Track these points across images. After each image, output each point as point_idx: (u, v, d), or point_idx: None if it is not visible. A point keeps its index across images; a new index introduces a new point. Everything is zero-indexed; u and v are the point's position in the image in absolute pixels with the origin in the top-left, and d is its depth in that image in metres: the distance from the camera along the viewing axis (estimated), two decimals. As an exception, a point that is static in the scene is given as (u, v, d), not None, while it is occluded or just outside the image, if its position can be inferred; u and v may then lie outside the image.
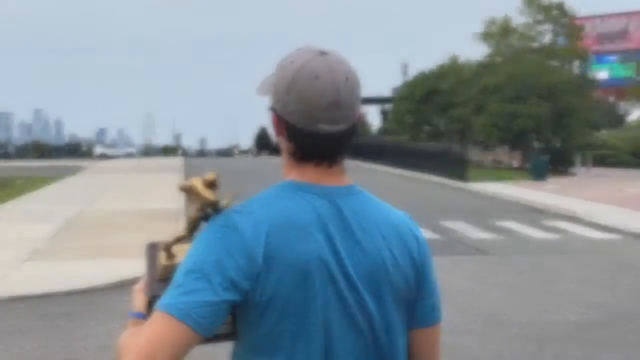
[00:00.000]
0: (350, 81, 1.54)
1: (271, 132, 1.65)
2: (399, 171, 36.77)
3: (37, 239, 13.74)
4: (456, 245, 13.93)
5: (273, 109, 1.58)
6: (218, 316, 1.43)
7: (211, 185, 1.57)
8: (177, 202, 19.84)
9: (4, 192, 24.05)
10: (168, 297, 1.43)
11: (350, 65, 1.57)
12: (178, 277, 1.46)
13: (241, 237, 1.46)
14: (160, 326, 1.40)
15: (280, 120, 1.56)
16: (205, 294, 1.41)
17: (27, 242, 13.38)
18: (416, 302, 1.68)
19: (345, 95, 1.52)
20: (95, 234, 14.39)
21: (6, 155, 74.90)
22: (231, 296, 1.44)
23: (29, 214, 17.81)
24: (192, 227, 1.62)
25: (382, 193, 2.14)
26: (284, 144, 1.60)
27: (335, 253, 1.52)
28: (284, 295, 1.47)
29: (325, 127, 1.52)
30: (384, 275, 1.58)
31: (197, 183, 1.57)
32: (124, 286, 9.85)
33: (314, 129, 1.52)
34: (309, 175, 1.57)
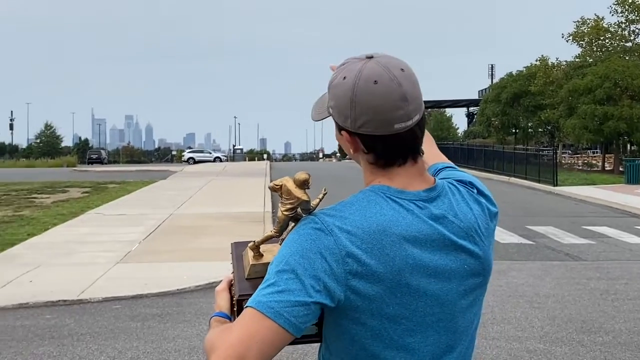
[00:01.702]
0: (407, 71, 1.53)
1: (346, 150, 1.63)
2: (486, 175, 36.24)
3: (129, 242, 14.14)
4: (546, 251, 13.63)
5: (343, 129, 1.56)
6: (309, 317, 1.43)
7: (303, 185, 1.56)
8: (263, 206, 20.09)
9: (99, 197, 24.85)
10: (260, 295, 1.43)
11: (399, 58, 1.56)
12: (270, 276, 1.46)
13: (335, 242, 1.45)
14: (252, 324, 1.40)
15: (354, 137, 1.55)
16: (297, 294, 1.41)
17: (120, 244, 13.78)
18: None
19: (408, 86, 1.51)
20: (185, 237, 14.70)
21: (99, 161, 77.34)
22: (322, 299, 1.43)
23: (121, 217, 18.33)
24: (282, 227, 1.61)
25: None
26: (362, 157, 1.59)
27: (429, 258, 1.51)
28: (376, 302, 1.47)
29: (401, 125, 1.51)
30: (480, 269, 1.59)
31: (289, 182, 1.57)
32: (212, 289, 10.05)
33: (391, 132, 1.51)
34: (398, 180, 1.56)
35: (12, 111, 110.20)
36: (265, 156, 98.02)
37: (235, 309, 1.64)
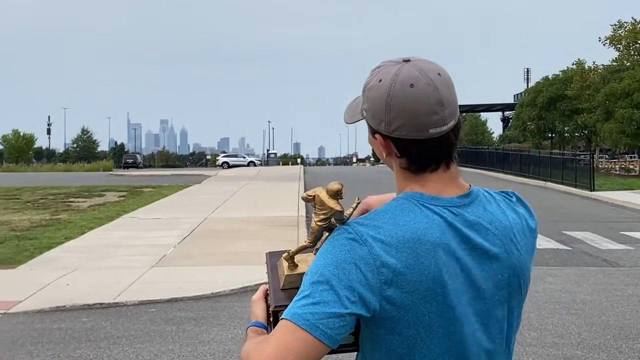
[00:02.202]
0: (443, 76, 1.52)
1: (378, 154, 1.62)
2: (522, 179, 35.94)
3: (164, 245, 14.26)
4: (583, 256, 13.46)
5: (377, 133, 1.56)
6: (345, 328, 1.43)
7: (336, 195, 1.55)
8: (297, 210, 20.12)
9: (134, 201, 25.09)
10: (295, 307, 1.43)
11: (435, 62, 1.55)
12: (305, 287, 1.46)
13: (369, 251, 1.45)
14: (288, 336, 1.40)
15: (388, 141, 1.55)
16: (332, 306, 1.41)
17: (155, 248, 13.90)
18: None
19: (444, 91, 1.50)
20: (219, 241, 14.78)
21: (135, 165, 78.10)
22: (358, 309, 1.43)
23: (156, 221, 18.49)
24: (316, 237, 1.61)
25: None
26: (394, 161, 1.58)
27: (464, 265, 1.50)
28: (412, 311, 1.46)
29: (436, 130, 1.50)
30: (515, 279, 1.57)
31: (322, 193, 1.57)
32: (246, 292, 10.10)
33: (426, 137, 1.50)
34: (431, 185, 1.55)
35: (49, 116, 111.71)
36: (298, 160, 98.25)
37: (271, 319, 1.64)
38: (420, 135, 1.50)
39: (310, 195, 1.59)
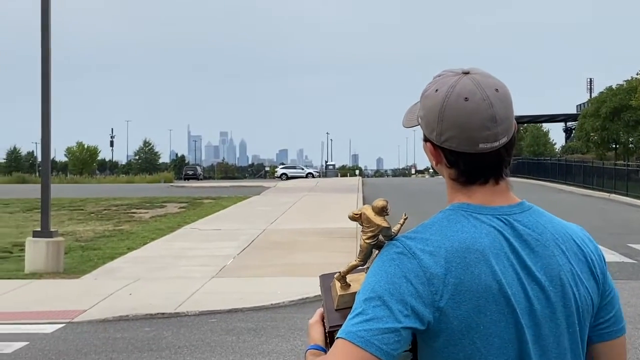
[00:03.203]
0: (501, 92, 1.51)
1: (430, 161, 1.63)
2: (585, 191, 35.28)
3: (224, 256, 14.41)
4: (649, 270, 13.14)
5: (428, 141, 1.57)
6: (400, 343, 1.43)
7: (381, 211, 1.57)
8: (354, 222, 20.09)
9: (194, 212, 25.43)
10: (349, 325, 1.44)
11: (496, 77, 1.54)
12: (357, 305, 1.47)
13: (419, 264, 1.46)
14: (344, 355, 1.41)
15: (438, 150, 1.55)
16: (386, 321, 1.42)
17: (215, 259, 14.06)
18: (598, 315, 1.62)
19: (499, 108, 1.49)
20: (278, 253, 14.87)
21: (195, 177, 79.13)
22: (412, 323, 1.43)
23: (216, 232, 18.71)
24: (366, 255, 1.62)
25: (567, 213, 2.06)
26: (444, 171, 1.58)
27: (516, 274, 1.49)
28: (466, 321, 1.45)
29: (486, 146, 1.49)
30: (566, 292, 1.54)
31: (368, 210, 1.59)
32: (305, 304, 10.14)
33: (475, 151, 1.50)
34: (478, 196, 1.55)
35: (112, 128, 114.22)
36: (357, 172, 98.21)
37: (328, 340, 1.65)
38: (470, 149, 1.50)
39: (356, 214, 1.61)
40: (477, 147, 1.50)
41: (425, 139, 1.59)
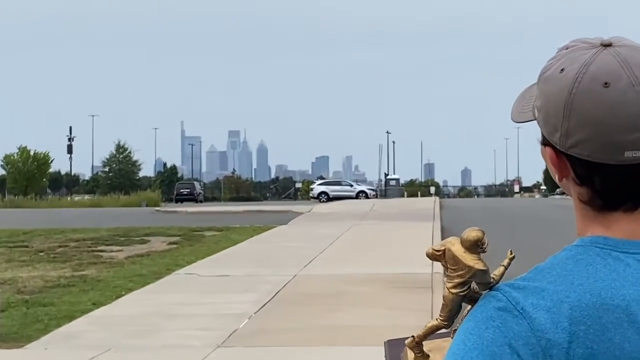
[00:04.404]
0: None
1: (551, 173, 1.61)
2: None
3: (235, 315, 14.41)
4: None
5: (548, 144, 1.55)
6: None
7: (475, 246, 1.55)
8: (430, 265, 20.04)
9: (191, 250, 25.57)
10: None
11: None
12: None
13: (530, 325, 1.43)
14: None
15: (562, 158, 1.53)
16: None
17: (222, 320, 14.07)
18: None
19: None
20: (315, 310, 14.84)
21: (192, 197, 79.77)
22: None
23: (223, 280, 18.79)
24: (451, 311, 1.62)
25: None
26: (573, 190, 1.56)
27: None
28: None
29: (636, 155, 1.46)
30: None
31: (455, 245, 1.57)
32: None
33: (619, 162, 1.47)
34: (622, 227, 1.52)
35: (70, 127, 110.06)
36: (432, 190, 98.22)
37: None
38: (610, 158, 1.47)
39: (437, 251, 1.60)
40: (621, 157, 1.47)
41: (544, 142, 1.56)
